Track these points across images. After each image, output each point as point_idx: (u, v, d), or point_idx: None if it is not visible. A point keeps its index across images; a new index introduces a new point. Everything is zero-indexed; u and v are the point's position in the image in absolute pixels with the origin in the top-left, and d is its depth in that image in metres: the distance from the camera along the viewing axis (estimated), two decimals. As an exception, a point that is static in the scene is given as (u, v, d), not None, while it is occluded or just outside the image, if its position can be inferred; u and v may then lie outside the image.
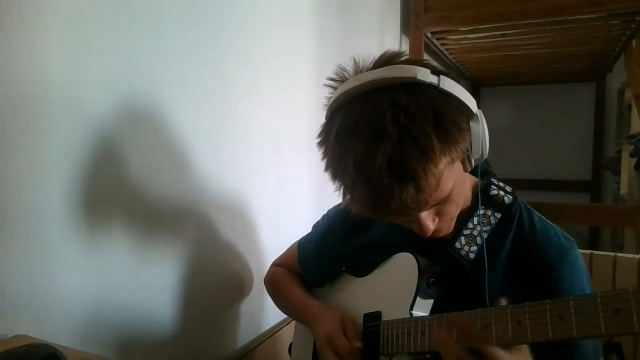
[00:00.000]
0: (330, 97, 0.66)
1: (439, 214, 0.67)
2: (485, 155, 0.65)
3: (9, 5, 0.65)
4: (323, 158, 0.65)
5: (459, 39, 2.48)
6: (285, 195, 1.37)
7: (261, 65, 1.22)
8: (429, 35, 2.30)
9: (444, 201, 0.64)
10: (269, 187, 1.30)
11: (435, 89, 0.60)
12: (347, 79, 0.65)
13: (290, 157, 1.39)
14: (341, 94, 0.63)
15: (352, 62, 0.66)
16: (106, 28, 0.80)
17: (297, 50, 1.43)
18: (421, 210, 0.62)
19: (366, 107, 0.60)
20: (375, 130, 0.57)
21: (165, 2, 0.92)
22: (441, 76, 0.61)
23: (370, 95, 0.61)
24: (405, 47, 2.31)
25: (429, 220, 0.65)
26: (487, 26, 2.20)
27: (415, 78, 0.59)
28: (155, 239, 0.93)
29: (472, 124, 0.62)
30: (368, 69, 0.64)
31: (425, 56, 2.35)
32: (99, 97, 0.79)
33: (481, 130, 0.63)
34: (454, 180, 0.63)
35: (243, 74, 1.15)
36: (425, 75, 0.60)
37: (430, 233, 0.66)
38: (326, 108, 0.68)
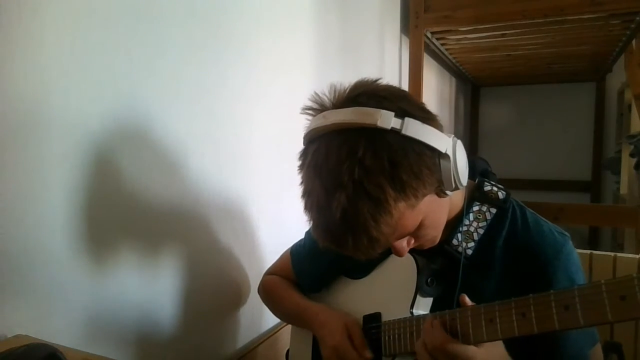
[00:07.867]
0: (307, 126, 0.68)
1: (414, 237, 0.68)
2: (461, 187, 0.65)
3: (9, 5, 0.65)
4: (300, 184, 0.67)
5: (459, 39, 2.48)
6: (285, 195, 1.37)
7: (261, 66, 1.22)
8: (429, 35, 2.30)
9: (415, 230, 0.66)
10: (269, 187, 1.30)
11: (397, 135, 0.59)
12: (323, 108, 0.65)
13: (290, 157, 1.38)
14: (312, 129, 0.65)
15: (328, 90, 0.66)
16: (104, 29, 0.80)
17: (297, 50, 1.43)
18: (383, 247, 0.63)
19: (330, 151, 0.61)
20: (333, 179, 0.59)
21: (164, 2, 0.92)
22: (406, 119, 0.60)
23: (335, 137, 0.61)
24: (405, 47, 2.31)
25: (403, 243, 0.67)
26: (487, 26, 2.20)
27: (375, 125, 0.59)
28: (154, 239, 0.93)
29: (442, 162, 0.62)
30: (340, 102, 0.64)
31: (425, 56, 2.35)
32: (98, 97, 0.79)
33: (453, 166, 0.63)
34: (422, 215, 0.64)
35: (242, 74, 1.15)
36: (386, 121, 0.59)
37: (404, 254, 0.68)
38: (304, 135, 0.69)
